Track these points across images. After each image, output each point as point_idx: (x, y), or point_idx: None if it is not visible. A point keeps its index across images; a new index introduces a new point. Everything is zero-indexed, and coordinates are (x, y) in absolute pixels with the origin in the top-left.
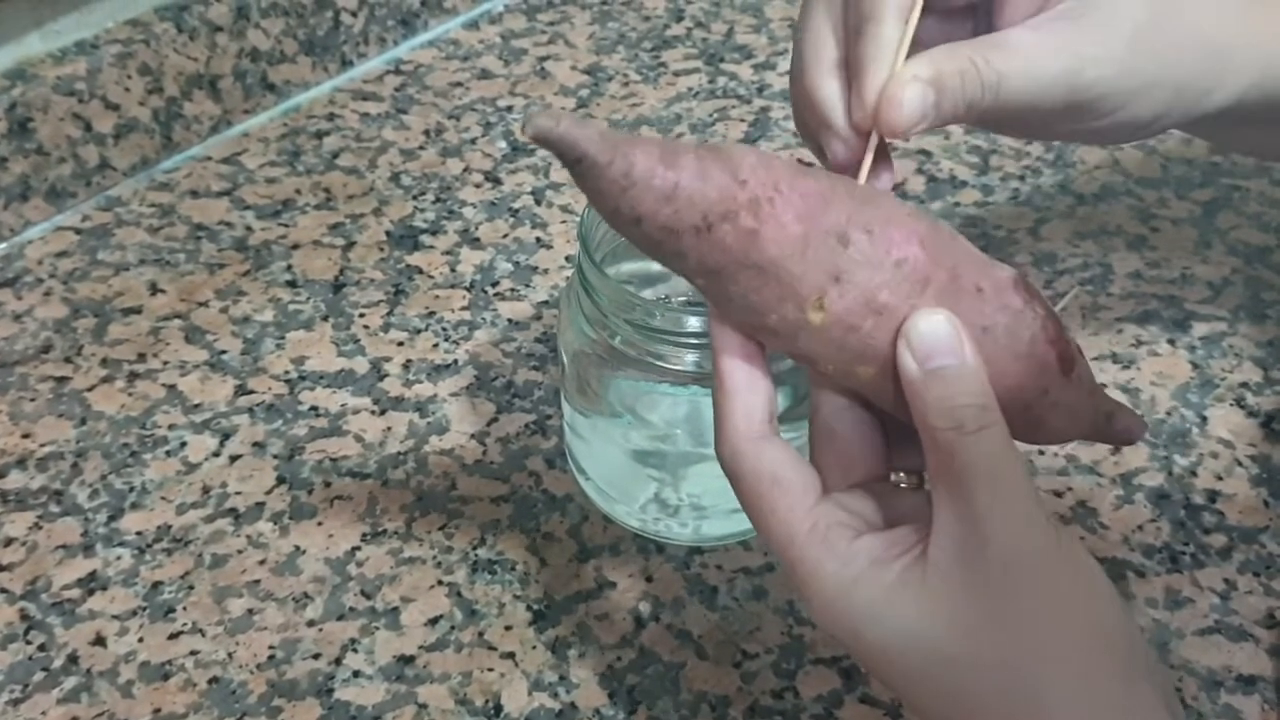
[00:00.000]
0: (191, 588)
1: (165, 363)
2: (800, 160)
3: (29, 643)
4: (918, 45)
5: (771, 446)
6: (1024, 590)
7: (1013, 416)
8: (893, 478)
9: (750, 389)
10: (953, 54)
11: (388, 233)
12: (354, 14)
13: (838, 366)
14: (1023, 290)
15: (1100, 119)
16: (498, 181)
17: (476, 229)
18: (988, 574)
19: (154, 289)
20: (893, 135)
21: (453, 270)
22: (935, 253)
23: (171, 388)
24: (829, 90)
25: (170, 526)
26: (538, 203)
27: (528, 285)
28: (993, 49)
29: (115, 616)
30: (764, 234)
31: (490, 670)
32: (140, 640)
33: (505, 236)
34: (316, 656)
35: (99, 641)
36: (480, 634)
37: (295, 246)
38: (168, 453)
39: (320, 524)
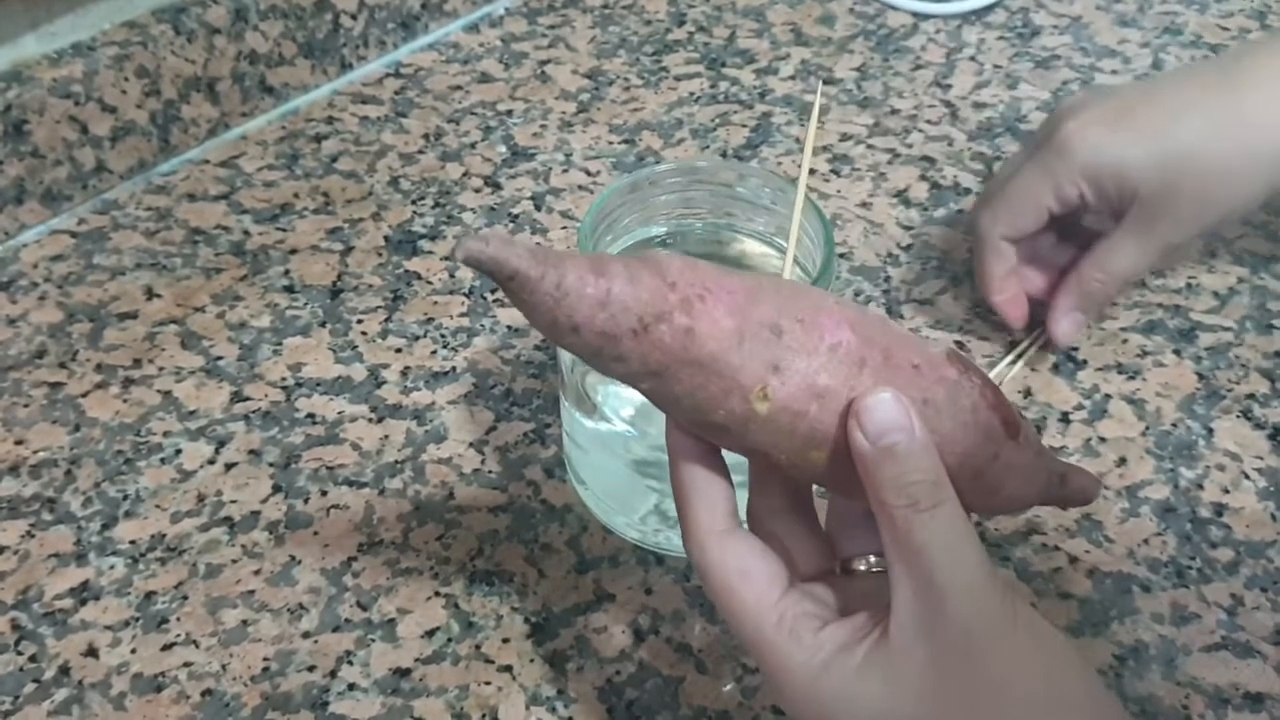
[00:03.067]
0: (185, 598)
1: (161, 369)
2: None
3: (20, 653)
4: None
5: (735, 539)
6: (984, 663)
7: (966, 484)
8: (857, 564)
9: (709, 487)
10: (1084, 276)
11: (386, 238)
12: (353, 16)
13: (790, 456)
14: (957, 362)
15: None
16: (497, 186)
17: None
18: (948, 648)
19: (150, 294)
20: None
21: (452, 276)
22: (866, 335)
23: (167, 394)
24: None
25: (164, 535)
26: (538, 208)
27: None
28: (1106, 260)
29: (108, 627)
30: (699, 330)
31: (487, 684)
32: (133, 651)
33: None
34: (311, 669)
35: (91, 652)
36: (477, 647)
37: (293, 251)
38: (162, 460)
39: (316, 534)
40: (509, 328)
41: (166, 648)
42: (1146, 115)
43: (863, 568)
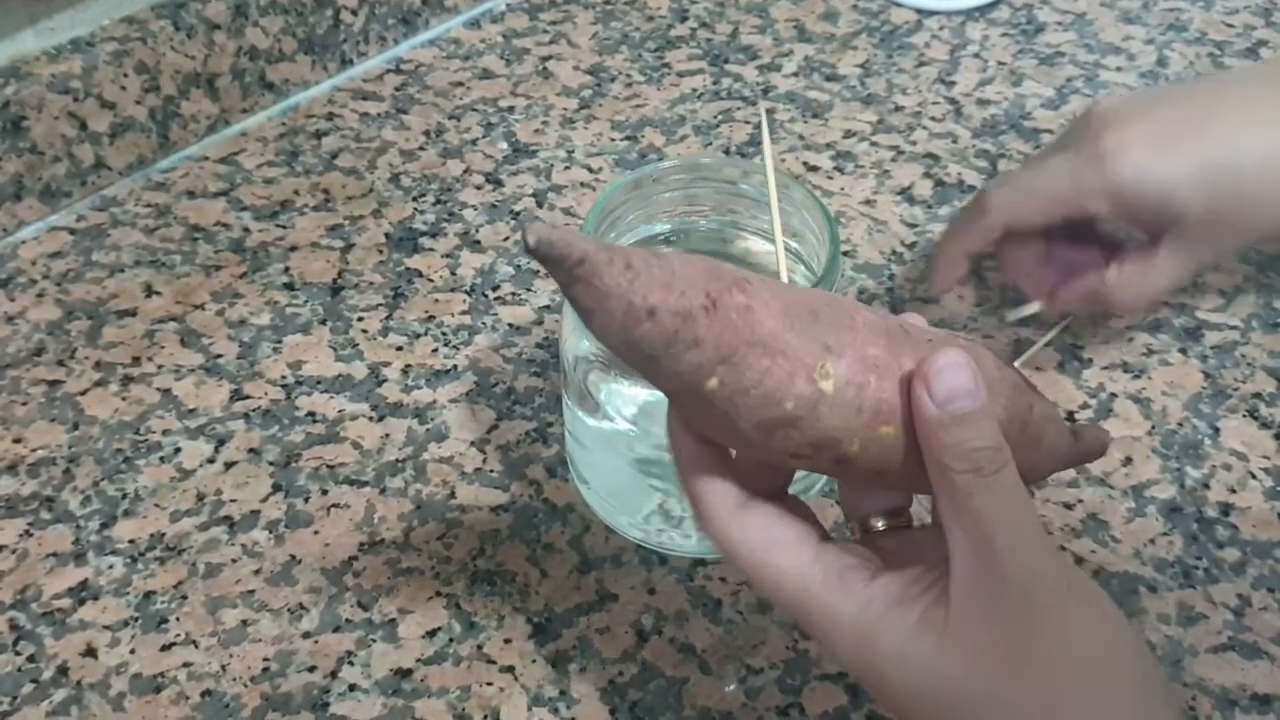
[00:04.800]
0: (185, 598)
1: (160, 366)
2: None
3: (18, 654)
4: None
5: (754, 512)
6: (1042, 627)
7: (1015, 438)
8: (874, 522)
9: (716, 470)
10: (1124, 291)
11: (387, 235)
12: (354, 12)
13: (862, 438)
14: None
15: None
16: (499, 183)
17: (477, 231)
18: (1007, 611)
19: (149, 291)
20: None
21: (453, 274)
22: (878, 314)
23: (166, 392)
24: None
25: (163, 535)
26: (539, 205)
27: (529, 289)
28: (1139, 280)
29: (106, 627)
30: (755, 309)
31: (489, 685)
32: (132, 652)
33: (506, 239)
34: (312, 669)
35: (90, 653)
36: (479, 647)
37: (293, 248)
38: (161, 459)
39: (316, 533)
40: (510, 326)
41: (166, 648)
42: (1196, 137)
43: (881, 525)
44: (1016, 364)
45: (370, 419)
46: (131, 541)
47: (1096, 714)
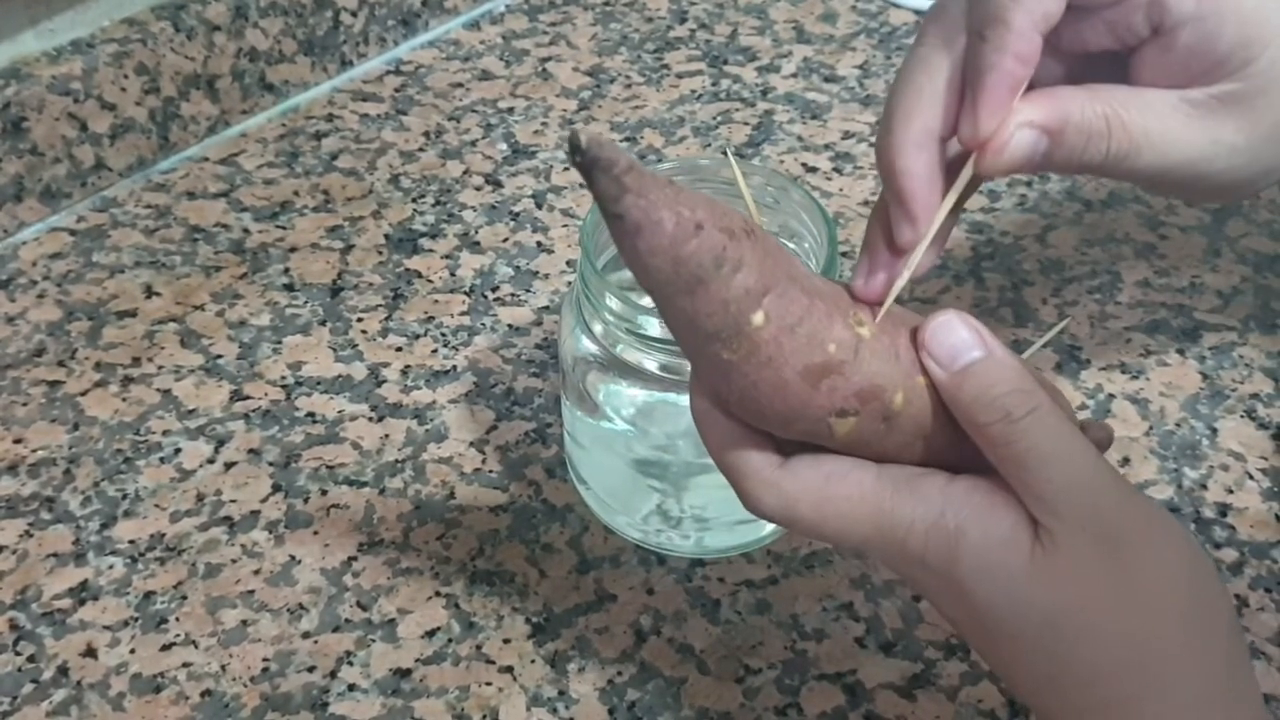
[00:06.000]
0: (184, 598)
1: (160, 367)
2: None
3: (18, 654)
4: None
5: (799, 460)
6: (1116, 563)
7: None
8: None
9: (750, 444)
10: (1088, 105)
11: (386, 236)
12: (354, 14)
13: (905, 389)
14: None
15: (1205, 195)
16: (498, 184)
17: (476, 233)
18: (1072, 553)
19: (149, 292)
20: (987, 175)
21: (452, 275)
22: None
23: (166, 393)
24: (909, 167)
25: (163, 535)
26: (539, 206)
27: (528, 290)
28: (1136, 112)
29: (107, 627)
30: (771, 247)
31: (488, 684)
32: (132, 652)
33: (506, 240)
34: (311, 669)
35: (90, 653)
36: (478, 647)
37: (293, 249)
38: (161, 459)
39: (316, 533)
40: (510, 326)
41: (166, 648)
42: None
43: None
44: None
45: (370, 419)
46: (131, 542)
47: (1195, 652)
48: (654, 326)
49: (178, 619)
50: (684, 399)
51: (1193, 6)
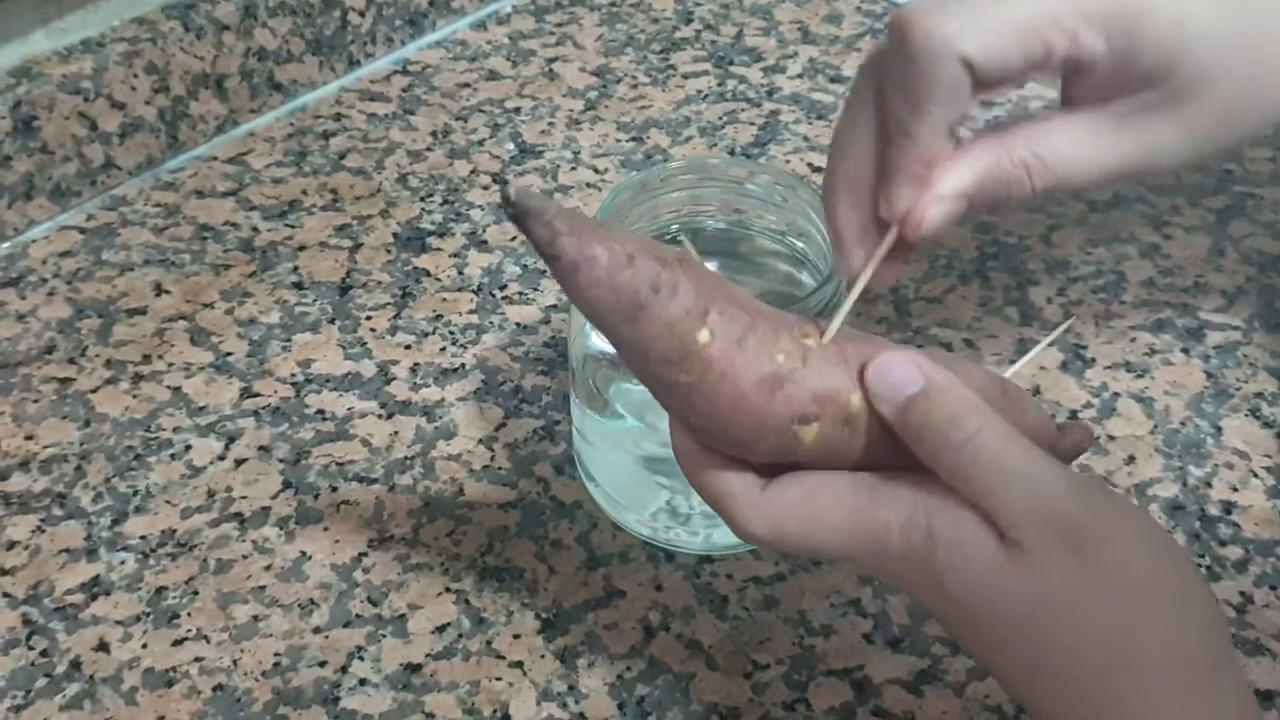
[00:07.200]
0: (196, 593)
1: (170, 365)
2: None
3: (31, 648)
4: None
5: (780, 481)
6: (1098, 558)
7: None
8: None
9: (728, 466)
10: (1005, 156)
11: (395, 234)
12: (361, 14)
13: (859, 391)
14: None
15: (1162, 178)
16: (505, 183)
17: (484, 231)
18: (1032, 568)
19: (159, 290)
20: (913, 244)
21: (460, 273)
22: None
23: (176, 390)
24: (842, 228)
25: (175, 531)
26: None
27: (536, 289)
28: (1058, 145)
29: (119, 622)
30: (710, 277)
31: (498, 679)
32: (144, 646)
33: (513, 239)
34: (322, 664)
35: (102, 647)
36: (488, 642)
37: (302, 248)
38: (172, 456)
39: (326, 529)
40: (518, 324)
41: (177, 643)
42: None
43: None
44: (1019, 364)
45: (379, 417)
46: (143, 537)
47: (1172, 633)
48: None
49: (189, 614)
50: None
51: (1104, 46)
